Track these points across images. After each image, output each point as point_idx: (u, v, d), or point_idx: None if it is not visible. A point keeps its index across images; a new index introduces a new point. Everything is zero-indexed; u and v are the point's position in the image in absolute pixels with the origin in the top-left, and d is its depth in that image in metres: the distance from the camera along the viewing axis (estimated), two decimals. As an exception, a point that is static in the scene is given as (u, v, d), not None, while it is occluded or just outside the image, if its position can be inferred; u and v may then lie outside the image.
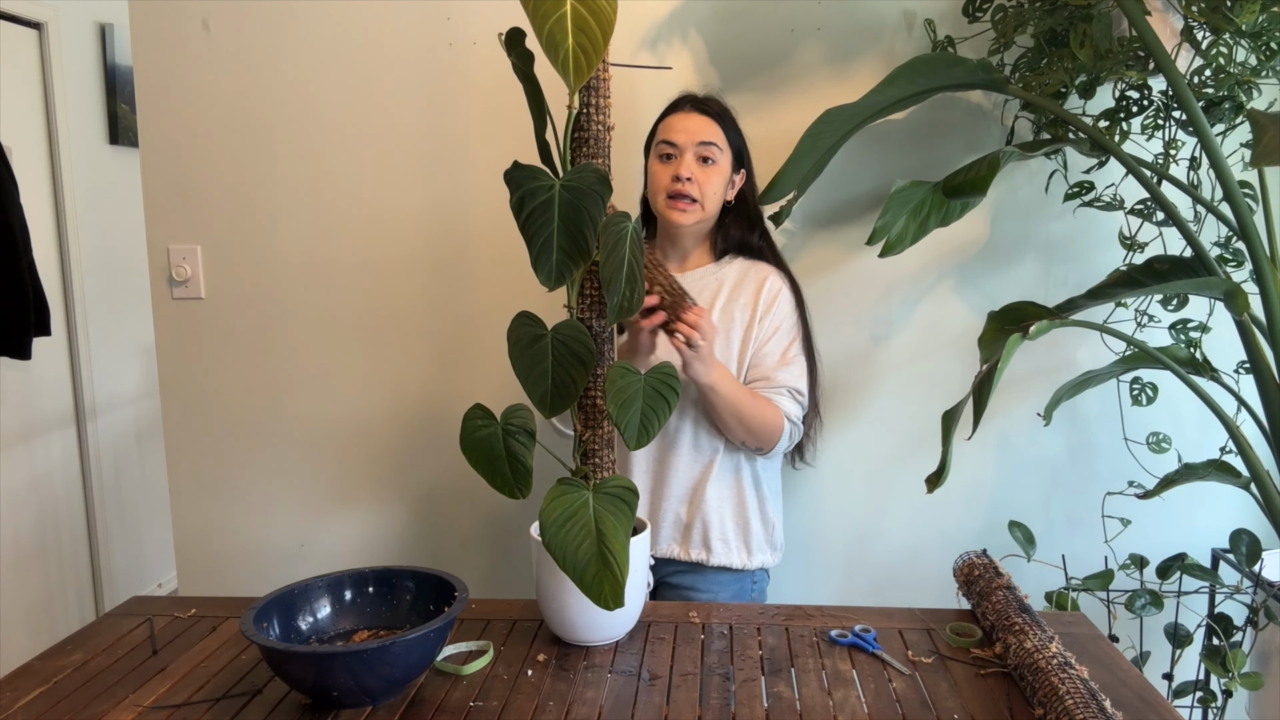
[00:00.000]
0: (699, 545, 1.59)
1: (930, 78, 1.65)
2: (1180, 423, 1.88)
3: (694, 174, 1.54)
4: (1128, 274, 1.57)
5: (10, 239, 2.55)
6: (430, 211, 1.94)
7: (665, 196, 1.56)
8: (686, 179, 1.54)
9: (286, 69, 1.92)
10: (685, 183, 1.54)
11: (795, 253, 1.88)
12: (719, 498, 1.59)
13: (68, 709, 1.12)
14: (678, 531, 1.60)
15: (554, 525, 1.12)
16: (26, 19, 2.80)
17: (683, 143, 1.55)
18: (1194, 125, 1.44)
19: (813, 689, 1.14)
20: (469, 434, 1.25)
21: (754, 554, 1.61)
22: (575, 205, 1.17)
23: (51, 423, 2.92)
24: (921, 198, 1.64)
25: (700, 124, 1.56)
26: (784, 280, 1.62)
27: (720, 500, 1.59)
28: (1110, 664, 1.20)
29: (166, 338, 2.02)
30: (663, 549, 1.60)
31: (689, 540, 1.59)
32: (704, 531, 1.58)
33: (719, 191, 1.57)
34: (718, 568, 1.60)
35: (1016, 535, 1.81)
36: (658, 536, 1.60)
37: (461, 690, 1.15)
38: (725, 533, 1.59)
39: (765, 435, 1.53)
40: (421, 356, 1.99)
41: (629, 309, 1.23)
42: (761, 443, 1.55)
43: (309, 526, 2.06)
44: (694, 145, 1.55)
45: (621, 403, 1.18)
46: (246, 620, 1.11)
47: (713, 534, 1.58)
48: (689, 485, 1.59)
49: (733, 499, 1.60)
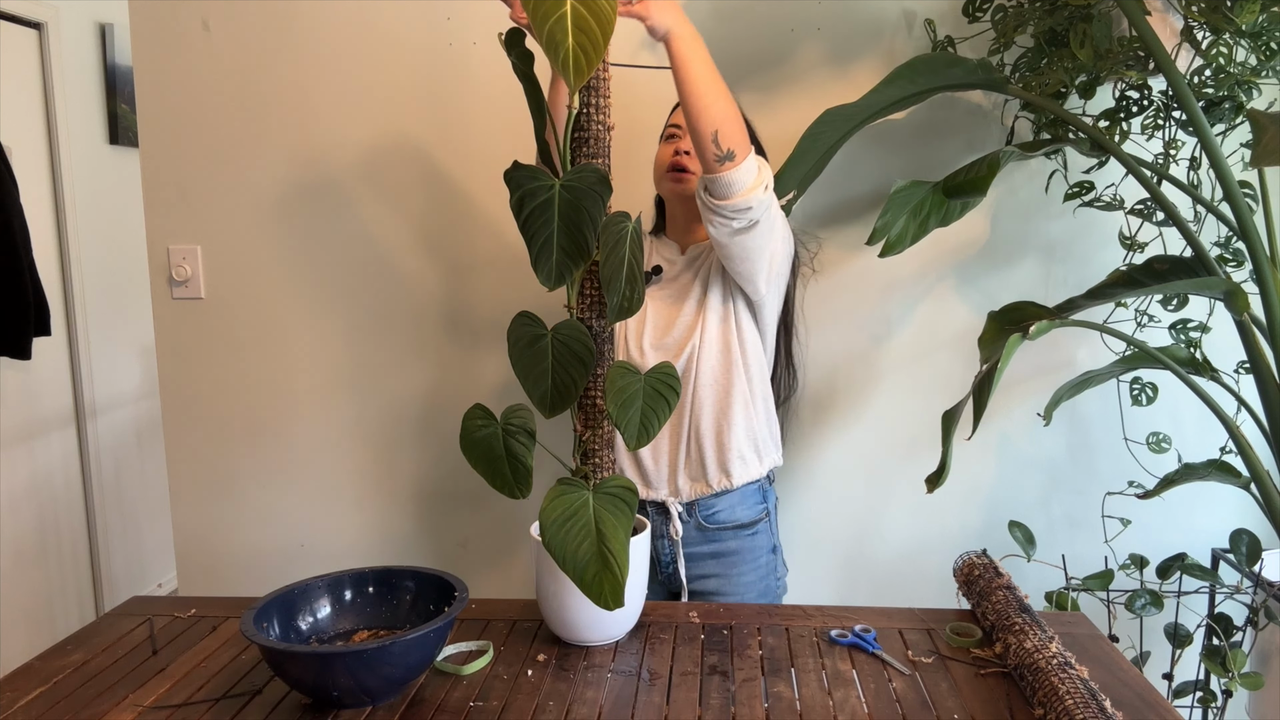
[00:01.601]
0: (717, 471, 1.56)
1: (930, 78, 1.66)
2: (1180, 423, 1.88)
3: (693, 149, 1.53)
4: (1128, 274, 1.57)
5: (10, 239, 2.55)
6: (430, 211, 1.94)
7: (666, 170, 1.58)
8: (685, 153, 1.56)
9: (286, 69, 1.92)
10: (684, 156, 1.56)
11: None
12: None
13: (68, 709, 1.12)
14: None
15: (554, 525, 1.12)
16: (26, 19, 2.80)
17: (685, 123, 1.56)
18: (1194, 125, 1.44)
19: (813, 689, 1.14)
20: (469, 434, 1.25)
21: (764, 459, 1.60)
22: (575, 205, 1.17)
23: (51, 423, 2.92)
24: (921, 198, 1.64)
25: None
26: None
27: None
28: (1110, 664, 1.20)
29: (166, 338, 2.02)
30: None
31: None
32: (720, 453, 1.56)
33: None
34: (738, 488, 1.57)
35: (1016, 535, 1.81)
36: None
37: (461, 690, 1.15)
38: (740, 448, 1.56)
39: (737, 126, 1.35)
40: (421, 356, 1.99)
41: (629, 309, 1.23)
42: (734, 140, 1.35)
43: (309, 526, 2.06)
44: (673, 123, 1.56)
45: (621, 403, 1.19)
46: (246, 620, 1.11)
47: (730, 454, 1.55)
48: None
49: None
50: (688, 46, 1.33)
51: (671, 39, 1.32)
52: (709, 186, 1.38)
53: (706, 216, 1.42)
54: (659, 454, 1.58)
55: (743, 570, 1.60)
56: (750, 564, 1.60)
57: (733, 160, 1.35)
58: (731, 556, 1.59)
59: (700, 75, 1.33)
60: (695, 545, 1.59)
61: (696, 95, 1.33)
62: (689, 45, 1.33)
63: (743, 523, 1.59)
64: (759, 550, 1.61)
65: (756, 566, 1.61)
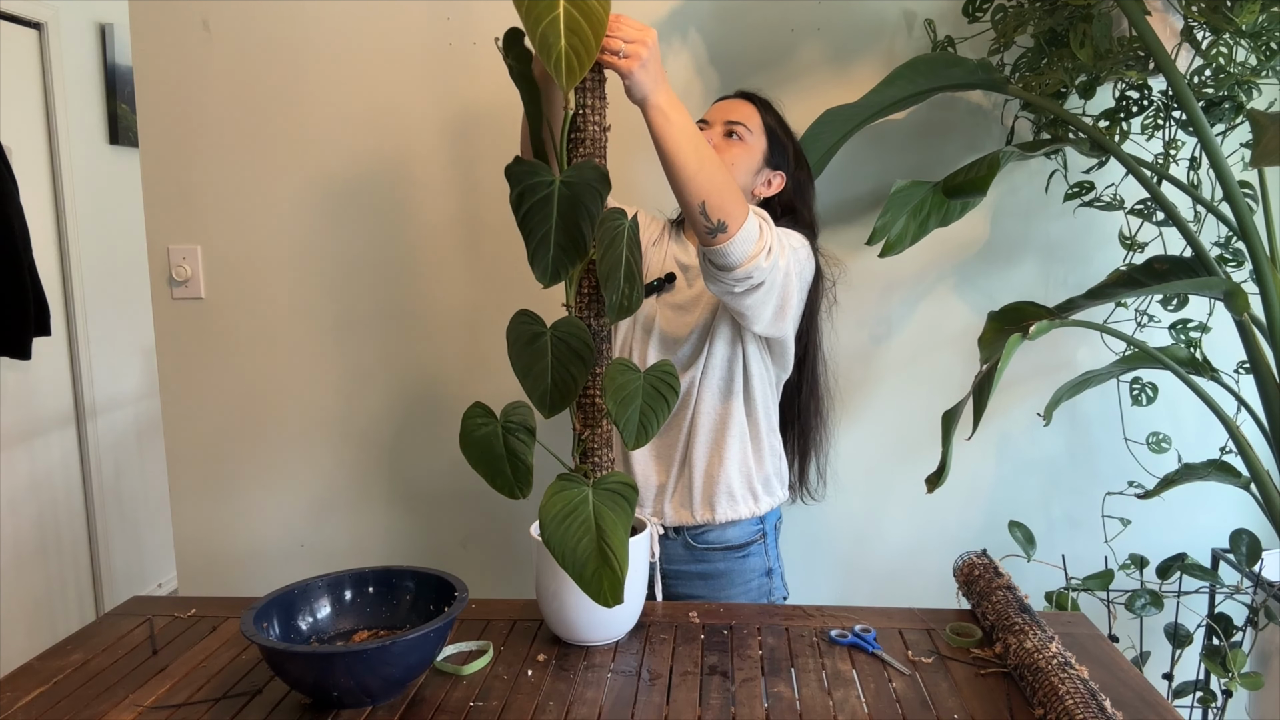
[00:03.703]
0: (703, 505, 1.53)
1: (930, 78, 1.66)
2: (1180, 423, 1.88)
3: (717, 145, 1.51)
4: (1128, 274, 1.57)
5: (10, 239, 2.55)
6: (430, 211, 1.94)
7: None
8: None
9: (286, 69, 1.92)
10: None
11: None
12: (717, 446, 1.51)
13: (68, 709, 1.12)
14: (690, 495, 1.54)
15: (554, 521, 1.12)
16: (26, 19, 2.80)
17: (713, 118, 1.55)
18: (1194, 125, 1.44)
19: (813, 689, 1.14)
20: (469, 433, 1.24)
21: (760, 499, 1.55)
22: (574, 201, 1.17)
23: (51, 423, 2.92)
24: (921, 198, 1.64)
25: (735, 104, 1.56)
26: (805, 241, 1.49)
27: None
28: (1110, 664, 1.20)
29: (166, 338, 2.02)
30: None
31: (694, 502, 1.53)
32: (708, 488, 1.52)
33: (741, 166, 1.51)
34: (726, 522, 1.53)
35: (1016, 535, 1.81)
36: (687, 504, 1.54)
37: (461, 690, 1.15)
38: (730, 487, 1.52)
39: (728, 195, 1.27)
40: (421, 356, 1.99)
41: (628, 307, 1.23)
42: (725, 211, 1.27)
43: (309, 526, 2.06)
44: (723, 121, 1.53)
45: (621, 400, 1.18)
46: (246, 620, 1.11)
47: (718, 490, 1.51)
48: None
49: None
50: (664, 118, 1.24)
51: (648, 109, 1.24)
52: (707, 255, 1.32)
53: (706, 277, 1.35)
54: (648, 475, 1.55)
55: (732, 594, 1.55)
56: (740, 587, 1.55)
57: (725, 232, 1.27)
58: (719, 579, 1.55)
59: (680, 147, 1.25)
60: (682, 564, 1.55)
61: (678, 167, 1.26)
62: (666, 116, 1.24)
63: (734, 544, 1.55)
64: (750, 573, 1.56)
65: (747, 590, 1.56)
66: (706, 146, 1.29)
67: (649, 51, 1.20)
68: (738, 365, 1.51)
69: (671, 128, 1.25)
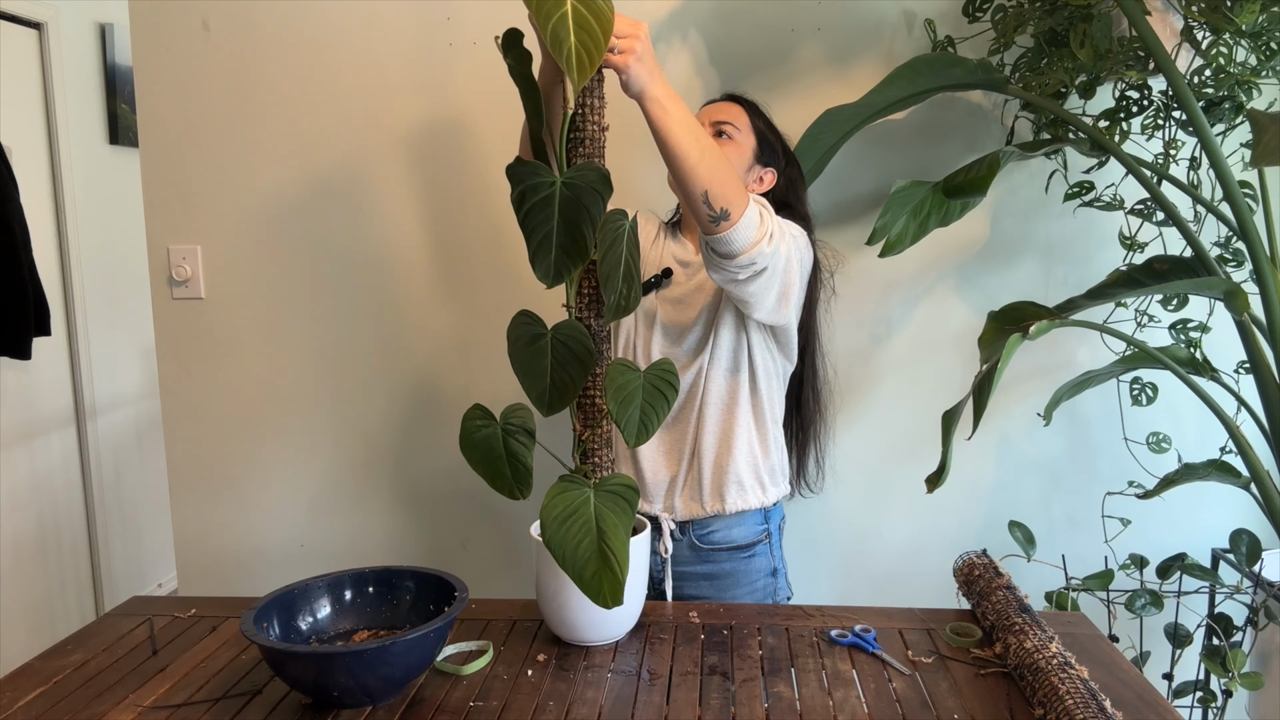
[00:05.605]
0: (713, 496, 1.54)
1: (930, 78, 1.66)
2: (1180, 423, 1.88)
3: None
4: (1128, 274, 1.57)
5: (10, 239, 2.55)
6: (430, 211, 1.94)
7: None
8: None
9: (286, 69, 1.92)
10: None
11: (795, 253, 1.88)
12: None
13: (68, 709, 1.12)
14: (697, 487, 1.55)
15: (554, 522, 1.12)
16: (26, 19, 2.79)
17: (701, 120, 1.55)
18: (1194, 125, 1.44)
19: (813, 689, 1.14)
20: (469, 434, 1.24)
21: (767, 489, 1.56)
22: (575, 202, 1.17)
23: (51, 423, 2.92)
24: (921, 198, 1.64)
25: (722, 106, 1.57)
26: (802, 231, 1.50)
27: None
28: (1110, 664, 1.20)
29: (166, 338, 2.02)
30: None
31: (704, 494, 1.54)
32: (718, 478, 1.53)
33: (733, 163, 1.50)
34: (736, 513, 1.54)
35: (1016, 535, 1.81)
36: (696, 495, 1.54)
37: (461, 690, 1.15)
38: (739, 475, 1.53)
39: (730, 183, 1.29)
40: (421, 356, 1.99)
41: (625, 307, 1.23)
42: (727, 199, 1.28)
43: (309, 526, 2.06)
44: (711, 122, 1.54)
45: (621, 400, 1.18)
46: (246, 620, 1.11)
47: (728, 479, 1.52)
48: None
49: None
50: (662, 109, 1.25)
51: (645, 101, 1.25)
52: (710, 244, 1.33)
53: (709, 266, 1.37)
54: (657, 470, 1.55)
55: (737, 594, 1.56)
56: (745, 587, 1.56)
57: (728, 219, 1.29)
58: (725, 579, 1.56)
59: (680, 137, 1.26)
60: (688, 565, 1.56)
61: (679, 158, 1.27)
62: (664, 108, 1.25)
63: (739, 544, 1.55)
64: (756, 573, 1.57)
65: (752, 590, 1.57)
66: (706, 136, 1.30)
67: (642, 45, 1.22)
68: (743, 353, 1.52)
69: (670, 119, 1.25)
